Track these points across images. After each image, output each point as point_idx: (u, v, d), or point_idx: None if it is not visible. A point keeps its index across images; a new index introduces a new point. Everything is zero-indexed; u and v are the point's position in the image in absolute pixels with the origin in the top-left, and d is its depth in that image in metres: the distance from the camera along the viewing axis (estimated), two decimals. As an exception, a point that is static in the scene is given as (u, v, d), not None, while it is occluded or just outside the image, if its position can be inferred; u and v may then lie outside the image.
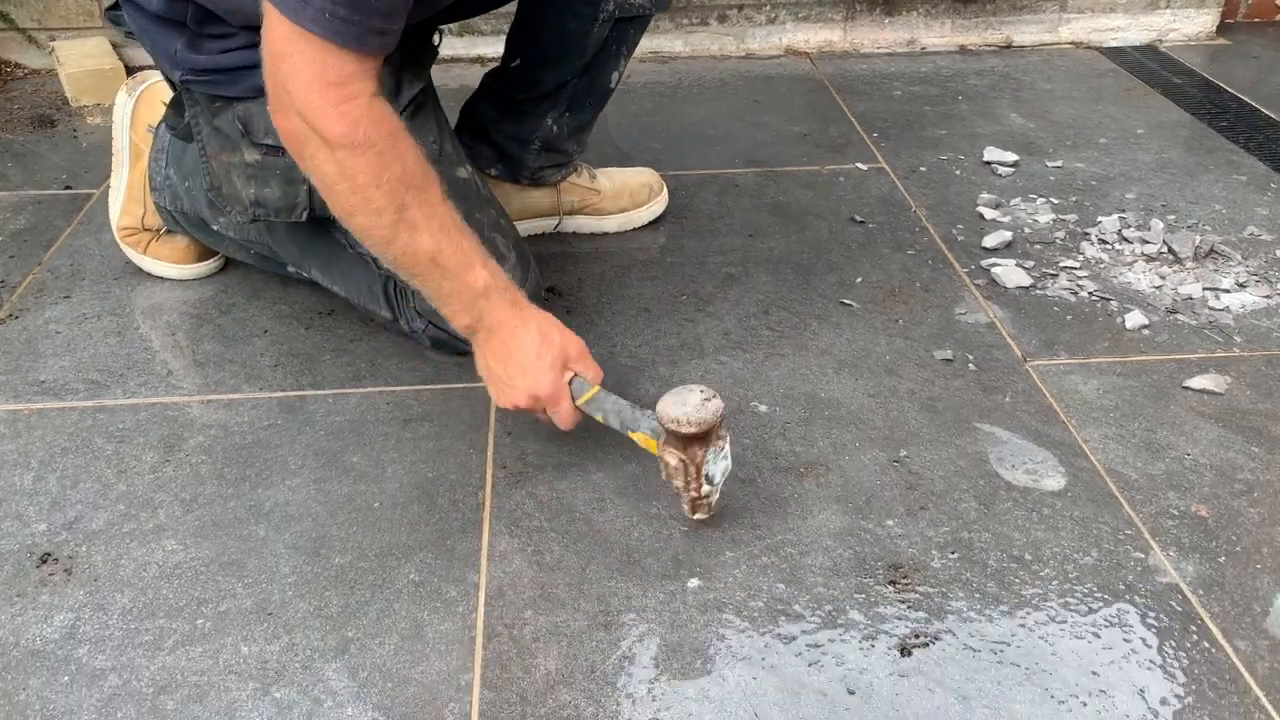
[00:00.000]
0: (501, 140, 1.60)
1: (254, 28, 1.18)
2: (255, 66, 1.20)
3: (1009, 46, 2.53)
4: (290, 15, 1.00)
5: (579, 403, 1.15)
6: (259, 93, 1.21)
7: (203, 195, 1.39)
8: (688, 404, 1.03)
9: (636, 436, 1.12)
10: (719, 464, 1.08)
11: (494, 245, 1.33)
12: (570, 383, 1.15)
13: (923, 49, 2.51)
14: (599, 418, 1.15)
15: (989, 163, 1.94)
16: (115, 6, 1.33)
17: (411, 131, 1.27)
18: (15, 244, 1.66)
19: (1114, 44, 2.54)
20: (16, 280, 1.57)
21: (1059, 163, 1.94)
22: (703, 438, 1.05)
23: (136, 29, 1.29)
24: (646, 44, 2.45)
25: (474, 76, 1.66)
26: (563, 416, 1.15)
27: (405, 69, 1.29)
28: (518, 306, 1.15)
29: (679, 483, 1.08)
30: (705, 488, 1.08)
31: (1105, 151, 2.00)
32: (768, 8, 2.44)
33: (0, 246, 1.66)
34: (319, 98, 1.03)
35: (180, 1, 1.21)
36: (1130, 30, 2.54)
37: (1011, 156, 1.95)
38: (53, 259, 1.62)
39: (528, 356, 1.13)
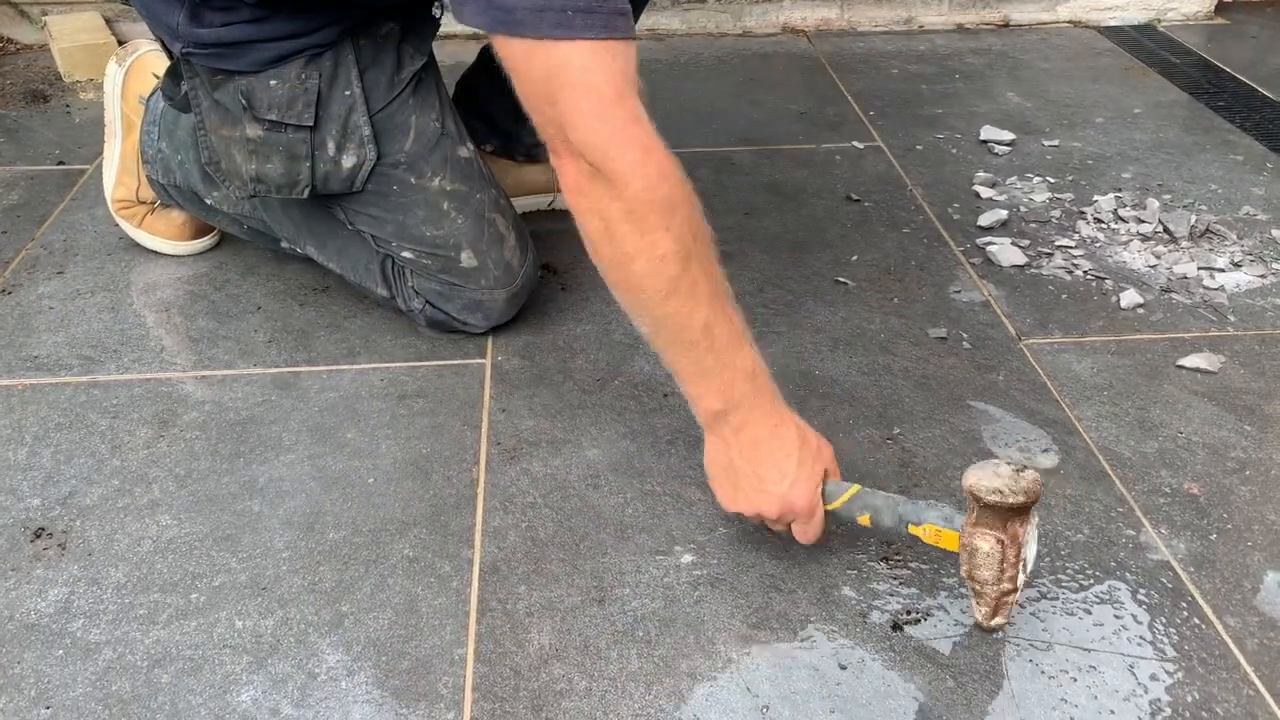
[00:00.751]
0: (497, 116, 1.59)
1: (260, 3, 1.18)
2: (260, 41, 1.20)
3: (1007, 25, 2.52)
4: (528, 30, 0.87)
5: (836, 504, 1.00)
6: (263, 66, 1.21)
7: (197, 169, 1.38)
8: (1001, 474, 0.89)
9: (923, 531, 0.96)
10: (1032, 547, 0.94)
11: (494, 225, 1.33)
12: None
13: (920, 27, 2.50)
14: (862, 519, 0.99)
15: (985, 141, 1.94)
16: None
17: (414, 108, 1.27)
18: (8, 219, 1.66)
19: (1112, 23, 2.53)
20: (9, 256, 1.56)
21: (1055, 142, 1.94)
22: (1026, 510, 0.90)
23: (136, 0, 1.28)
24: (643, 21, 2.43)
25: (469, 52, 1.65)
26: (813, 529, 1.00)
27: (407, 42, 1.28)
28: (777, 401, 1.01)
29: (988, 574, 0.91)
30: (1020, 577, 0.92)
31: (1102, 131, 1.99)
32: (765, -15, 2.43)
33: (-7, 222, 1.65)
34: (604, 125, 0.89)
35: None
36: (1129, 9, 2.53)
37: (1008, 135, 1.94)
38: (46, 234, 1.62)
39: (789, 460, 0.98)
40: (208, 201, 1.43)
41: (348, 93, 1.25)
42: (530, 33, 0.88)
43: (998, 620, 0.95)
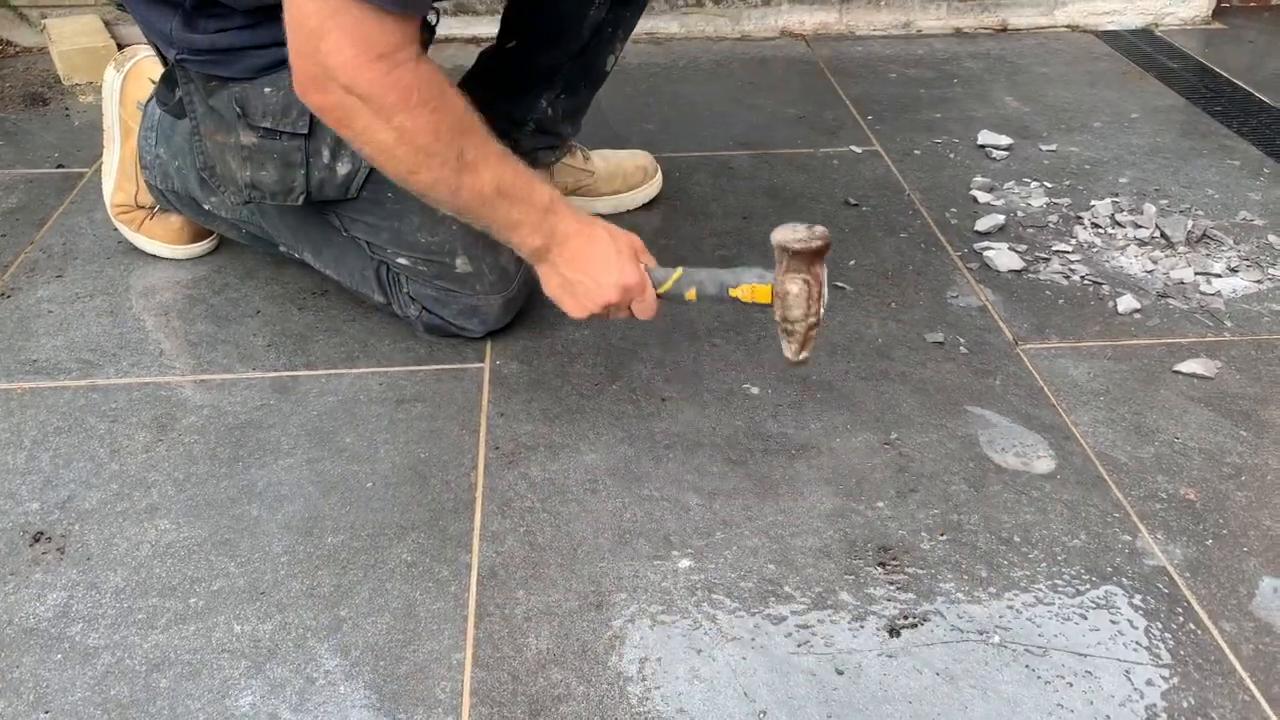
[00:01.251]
0: (497, 120, 1.59)
1: (252, 10, 1.18)
2: (253, 48, 1.20)
3: (1005, 30, 2.52)
4: None
5: (665, 288, 1.18)
6: (257, 74, 1.21)
7: (194, 174, 1.39)
8: (799, 230, 1.09)
9: (741, 291, 1.14)
10: (827, 287, 1.12)
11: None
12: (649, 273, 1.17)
13: (918, 31, 2.50)
14: (689, 294, 1.16)
15: (983, 146, 1.94)
16: None
17: None
18: (7, 223, 1.66)
19: (1110, 27, 2.53)
20: (9, 259, 1.56)
21: (1053, 146, 1.94)
22: (823, 254, 1.09)
23: (130, 6, 1.28)
24: (641, 25, 2.43)
25: (468, 56, 1.65)
26: (648, 304, 1.17)
27: None
28: (579, 214, 1.17)
29: (799, 312, 1.10)
30: (821, 311, 1.11)
31: (1099, 135, 2.00)
32: (763, -11, 2.43)
33: (-8, 225, 1.65)
34: (368, 72, 1.00)
35: None
36: (1126, 14, 2.54)
37: (1006, 140, 1.95)
38: (45, 238, 1.62)
39: (607, 253, 1.14)
40: (205, 207, 1.43)
41: None
42: None
43: (805, 354, 1.13)
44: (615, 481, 1.18)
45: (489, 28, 2.30)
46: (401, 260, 1.33)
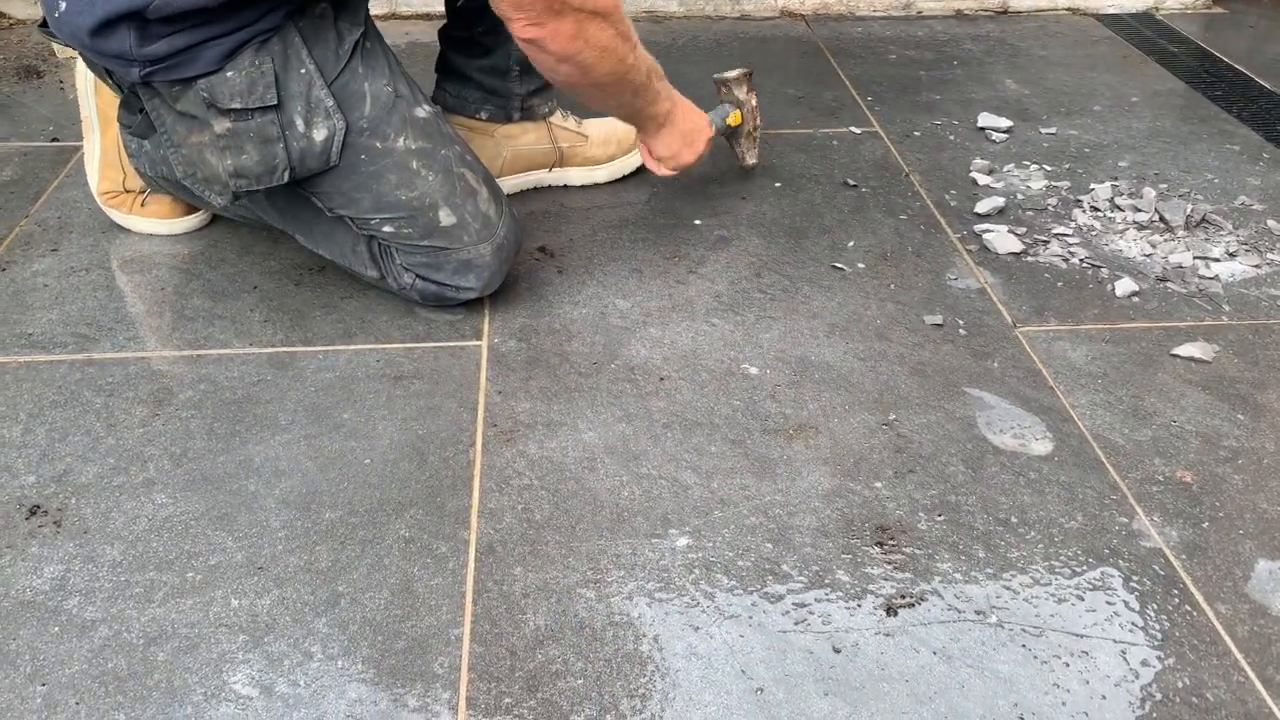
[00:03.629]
0: (482, 78, 1.60)
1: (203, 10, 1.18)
2: (212, 40, 1.21)
3: (1005, 11, 2.51)
4: None
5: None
6: (218, 63, 1.22)
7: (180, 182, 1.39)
8: (733, 68, 1.70)
9: (730, 118, 1.66)
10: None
11: (464, 180, 1.33)
12: None
13: (919, 13, 2.49)
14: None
15: (983, 129, 1.94)
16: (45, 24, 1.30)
17: (364, 76, 1.28)
18: (2, 196, 1.65)
19: (1111, 10, 2.52)
20: (3, 233, 1.55)
21: (1053, 129, 1.94)
22: (751, 77, 1.70)
23: (80, 46, 1.26)
24: (641, 3, 2.43)
25: (421, 31, 1.64)
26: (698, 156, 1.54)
27: (341, 18, 1.28)
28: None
29: (751, 124, 1.70)
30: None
31: (1099, 119, 1.99)
32: (764, -32, 2.42)
33: (-14, 198, 1.64)
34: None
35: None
36: (1127, -3, 2.53)
37: (1006, 123, 1.94)
38: (40, 211, 1.61)
39: (693, 106, 1.53)
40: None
41: (303, 70, 1.25)
42: None
43: (756, 158, 1.74)
44: (613, 460, 1.18)
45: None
46: (387, 228, 1.33)
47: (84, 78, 1.51)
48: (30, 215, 1.60)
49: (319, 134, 1.26)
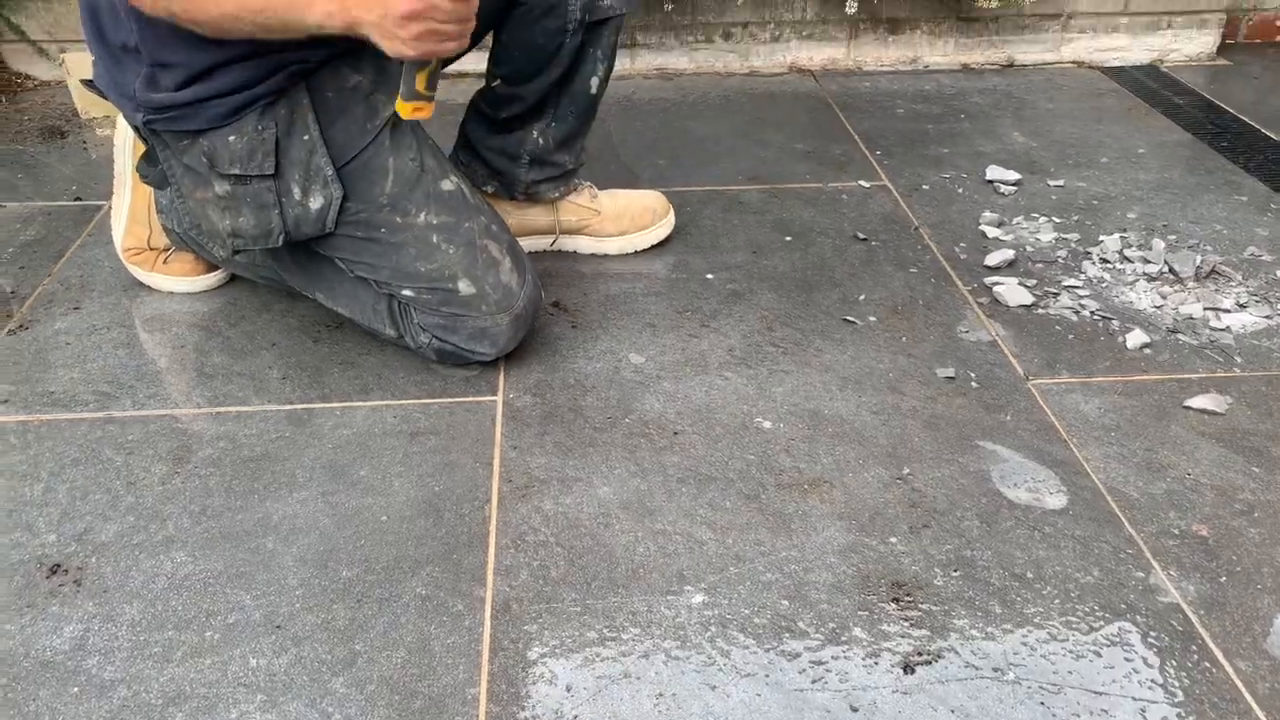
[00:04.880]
0: (492, 157, 1.62)
1: (209, 67, 1.22)
2: (212, 98, 1.25)
3: (1011, 65, 2.54)
4: None
5: None
6: (220, 121, 1.26)
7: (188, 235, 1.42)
8: None
9: None
10: None
11: (486, 251, 1.34)
12: None
13: (926, 67, 2.53)
14: None
15: (991, 181, 1.96)
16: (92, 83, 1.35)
17: (390, 151, 1.30)
18: (26, 255, 1.68)
19: (1116, 63, 2.55)
20: (27, 291, 1.58)
21: (1061, 182, 1.96)
22: None
23: (104, 80, 1.31)
24: (651, 60, 2.47)
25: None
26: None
27: (378, 91, 1.31)
28: None
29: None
30: None
31: (1107, 171, 2.01)
32: (772, 26, 2.46)
33: (11, 257, 1.67)
34: None
35: (135, 24, 1.22)
36: (1132, 50, 2.56)
37: (1014, 175, 1.96)
38: (62, 270, 1.64)
39: None
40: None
41: (306, 137, 1.28)
42: None
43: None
44: (628, 515, 1.18)
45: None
46: (407, 292, 1.35)
47: (122, 135, 1.55)
48: (53, 274, 1.62)
49: (315, 202, 1.29)
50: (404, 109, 1.18)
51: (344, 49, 1.29)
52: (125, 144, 1.55)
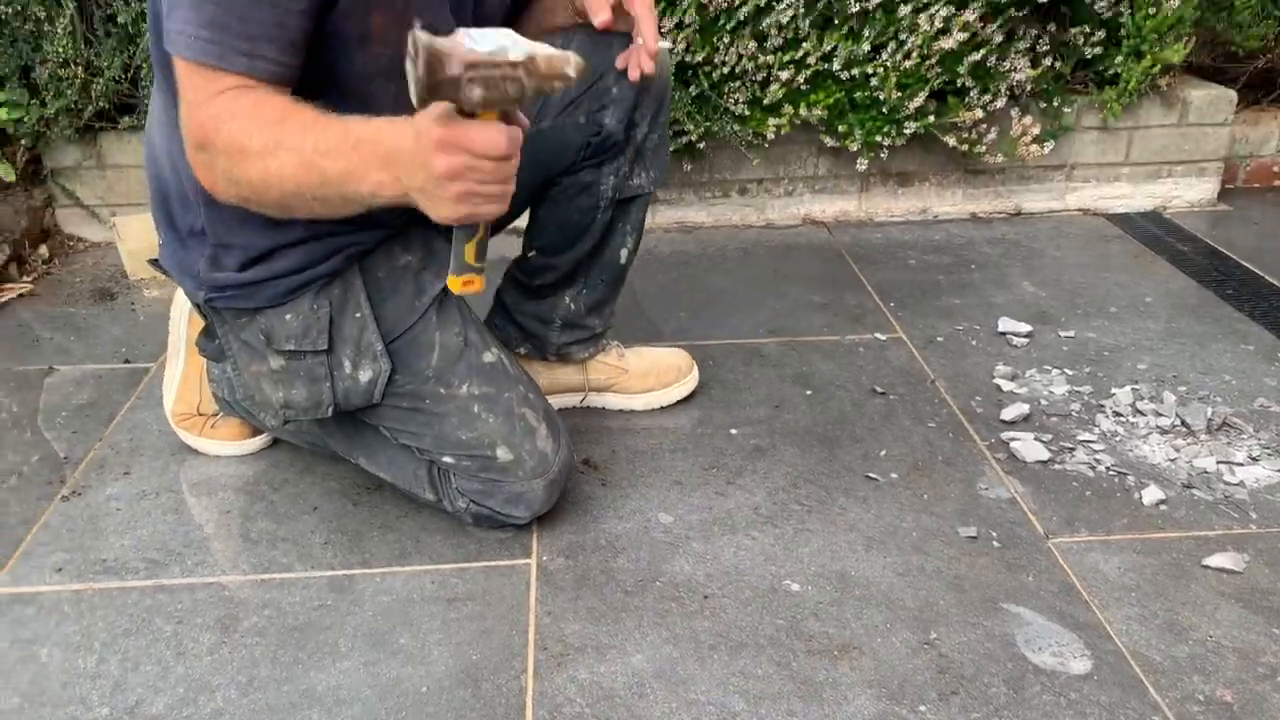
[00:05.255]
0: (525, 321, 1.70)
1: (268, 250, 1.31)
2: (270, 279, 1.34)
3: (1019, 214, 2.64)
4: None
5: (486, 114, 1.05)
6: (278, 300, 1.35)
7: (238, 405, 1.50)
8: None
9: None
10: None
11: (524, 419, 1.41)
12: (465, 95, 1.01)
13: (936, 217, 2.63)
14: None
15: (1004, 333, 2.03)
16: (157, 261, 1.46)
17: (437, 326, 1.38)
18: (78, 419, 1.75)
19: (1120, 210, 2.65)
20: (79, 456, 1.65)
21: (1071, 332, 2.02)
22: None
23: (169, 260, 1.41)
24: (671, 214, 2.58)
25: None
26: (485, 140, 1.03)
27: (427, 270, 1.40)
28: (381, 132, 1.10)
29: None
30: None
31: (1116, 320, 2.08)
32: (786, 181, 2.57)
33: (65, 421, 1.74)
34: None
35: (204, 209, 1.31)
36: (1135, 197, 2.66)
37: (1025, 327, 2.03)
38: (113, 434, 1.71)
39: (405, 135, 1.07)
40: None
41: (358, 315, 1.36)
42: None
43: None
44: (661, 685, 1.21)
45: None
46: (447, 459, 1.41)
47: (179, 306, 1.65)
48: (104, 438, 1.69)
49: (364, 375, 1.37)
50: (454, 284, 1.19)
51: (396, 230, 1.39)
52: (181, 315, 1.64)
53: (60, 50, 2.19)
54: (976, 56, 2.33)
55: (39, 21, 2.19)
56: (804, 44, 2.31)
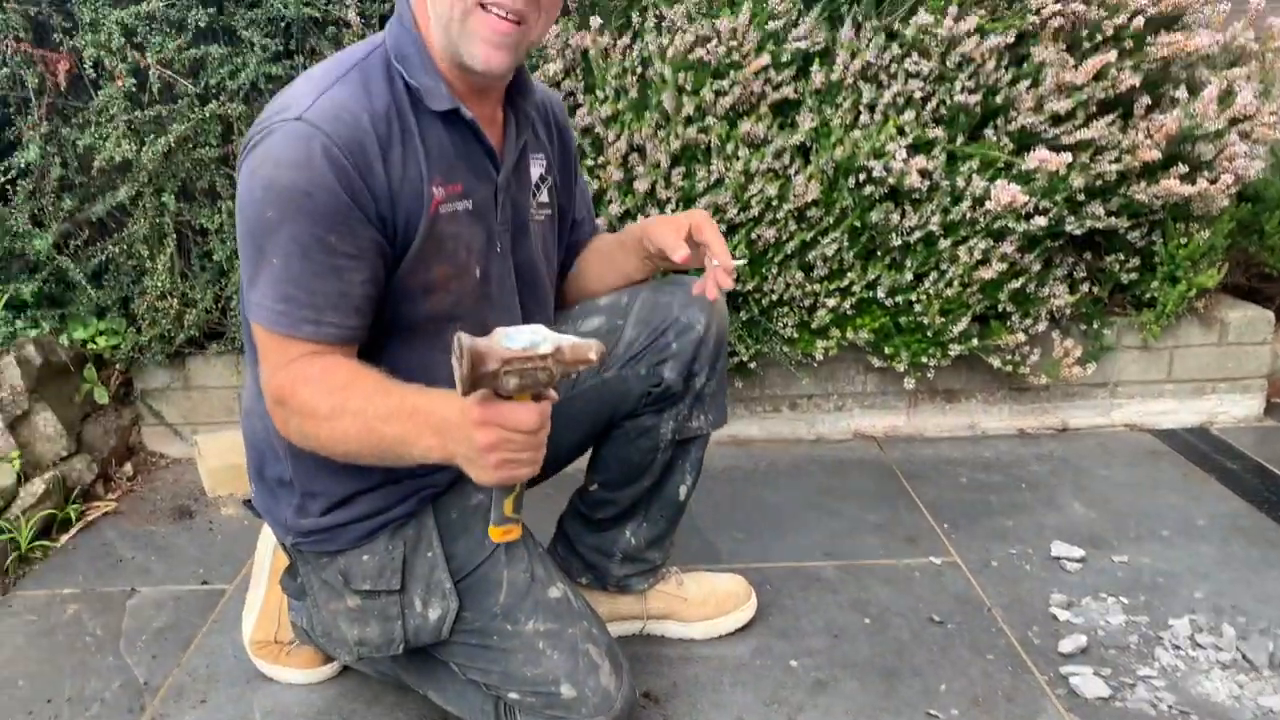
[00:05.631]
0: (587, 553, 1.77)
1: (347, 496, 1.41)
2: (351, 522, 1.43)
3: (1065, 429, 2.70)
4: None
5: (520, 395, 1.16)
6: (357, 543, 1.44)
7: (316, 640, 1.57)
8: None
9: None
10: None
11: (588, 656, 1.45)
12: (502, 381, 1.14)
13: (984, 433, 2.69)
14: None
15: (1057, 558, 2.05)
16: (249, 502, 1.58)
17: (505, 564, 1.45)
18: (157, 642, 1.82)
19: (1167, 426, 2.70)
20: (158, 682, 1.71)
21: (1125, 557, 2.04)
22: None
23: (259, 504, 1.52)
24: (724, 430, 2.66)
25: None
26: (518, 419, 1.15)
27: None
28: (430, 412, 1.20)
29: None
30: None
31: (1169, 545, 2.10)
32: (835, 397, 2.66)
33: (145, 645, 1.81)
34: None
35: (290, 460, 1.42)
36: (1180, 413, 2.71)
37: (1078, 552, 2.05)
38: (190, 659, 1.77)
39: (452, 410, 1.17)
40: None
41: (430, 554, 1.44)
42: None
43: None
44: None
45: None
46: (513, 695, 1.45)
47: (267, 539, 1.73)
48: (182, 664, 1.75)
49: (434, 613, 1.43)
50: (495, 534, 1.28)
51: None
52: (268, 548, 1.73)
53: (159, 284, 2.38)
54: (1016, 284, 2.45)
55: (142, 258, 2.38)
56: (849, 274, 2.44)
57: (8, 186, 2.32)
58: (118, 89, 2.23)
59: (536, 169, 1.52)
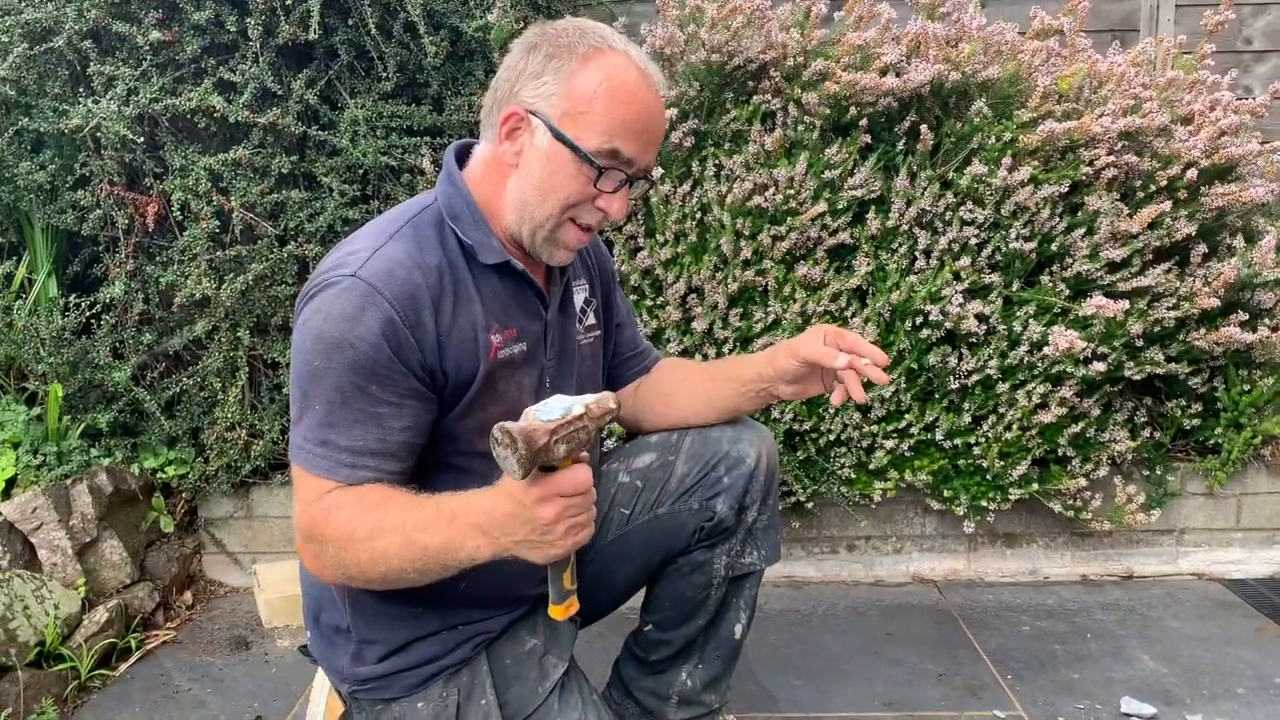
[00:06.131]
0: (643, 697, 1.74)
1: (402, 644, 1.42)
2: (405, 670, 1.43)
3: (1130, 577, 2.63)
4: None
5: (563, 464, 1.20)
6: (412, 690, 1.44)
7: None
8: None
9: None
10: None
11: None
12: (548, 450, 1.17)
13: (1046, 578, 2.63)
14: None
15: (1127, 715, 1.98)
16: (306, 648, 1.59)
17: (559, 712, 1.44)
18: (210, 781, 1.81)
19: (1236, 575, 2.62)
20: (209, 823, 1.69)
21: (1199, 717, 1.97)
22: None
23: (316, 651, 1.53)
24: (780, 570, 2.64)
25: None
26: (574, 482, 1.19)
27: (549, 654, 1.47)
28: (477, 504, 1.23)
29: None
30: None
31: (1245, 705, 2.02)
32: (894, 539, 2.63)
33: (196, 783, 1.81)
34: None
35: (349, 607, 1.44)
36: (1250, 563, 2.64)
37: (1149, 710, 1.98)
38: (242, 799, 1.76)
39: (501, 502, 1.21)
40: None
41: (484, 701, 1.44)
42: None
43: None
44: None
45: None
46: None
47: (321, 684, 1.73)
48: (234, 803, 1.74)
49: None
50: (557, 611, 1.29)
51: (523, 613, 1.48)
52: (322, 693, 1.73)
53: (230, 415, 2.44)
54: (1076, 428, 2.44)
55: (214, 390, 2.46)
56: (906, 415, 2.44)
57: (92, 320, 2.42)
58: (202, 230, 2.34)
59: (580, 294, 1.57)
